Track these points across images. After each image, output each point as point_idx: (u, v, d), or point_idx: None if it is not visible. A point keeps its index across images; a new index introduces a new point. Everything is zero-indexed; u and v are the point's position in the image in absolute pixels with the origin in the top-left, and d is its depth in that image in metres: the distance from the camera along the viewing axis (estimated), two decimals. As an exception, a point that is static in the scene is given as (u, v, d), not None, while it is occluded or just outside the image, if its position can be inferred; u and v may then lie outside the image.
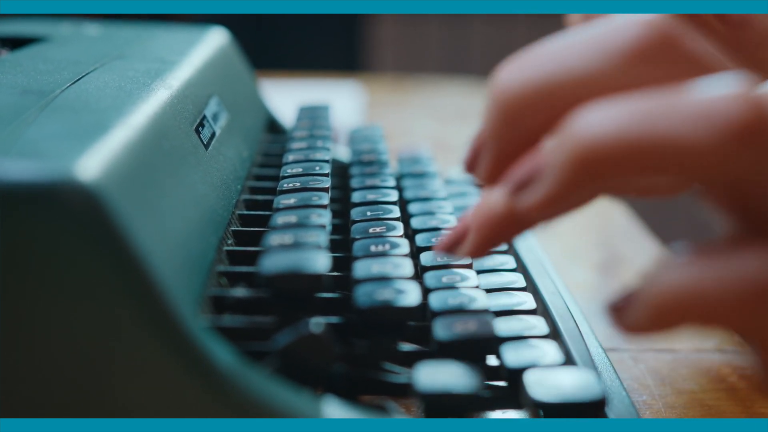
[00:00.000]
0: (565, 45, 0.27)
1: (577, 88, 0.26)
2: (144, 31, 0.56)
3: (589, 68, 0.26)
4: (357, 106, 1.00)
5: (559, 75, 0.26)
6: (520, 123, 0.27)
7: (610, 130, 0.24)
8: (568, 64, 0.26)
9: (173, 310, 0.29)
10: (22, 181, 0.28)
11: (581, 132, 0.24)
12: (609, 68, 0.26)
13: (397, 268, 0.36)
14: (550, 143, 0.26)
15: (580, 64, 0.26)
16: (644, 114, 0.24)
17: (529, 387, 0.31)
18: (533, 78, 0.27)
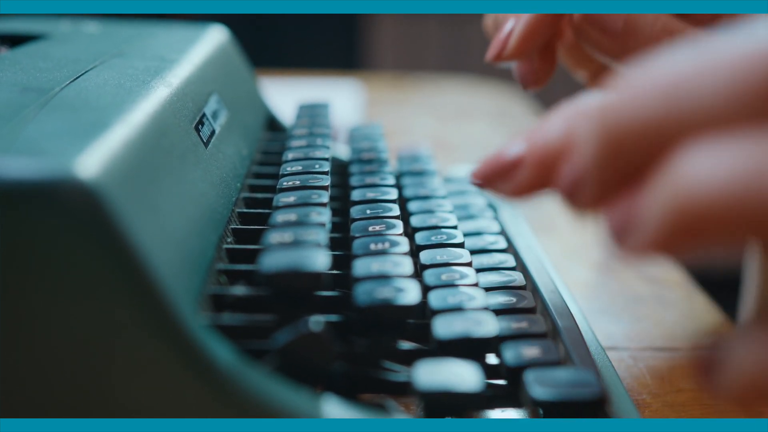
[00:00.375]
0: (686, 72, 0.23)
1: (695, 128, 0.22)
2: (143, 29, 0.56)
3: (714, 106, 0.22)
4: (357, 104, 1.00)
5: (675, 113, 0.22)
6: (627, 161, 0.24)
7: (717, 183, 0.21)
8: (688, 98, 0.22)
9: (173, 308, 0.29)
10: (21, 178, 0.28)
11: (685, 183, 0.21)
12: (737, 108, 0.22)
13: (397, 266, 0.36)
14: (651, 190, 0.22)
15: (703, 99, 0.22)
16: (759, 166, 0.20)
17: (529, 385, 0.31)
18: (646, 112, 0.23)
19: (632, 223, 0.22)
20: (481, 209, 0.51)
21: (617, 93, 0.23)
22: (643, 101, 0.23)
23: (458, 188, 0.55)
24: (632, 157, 0.23)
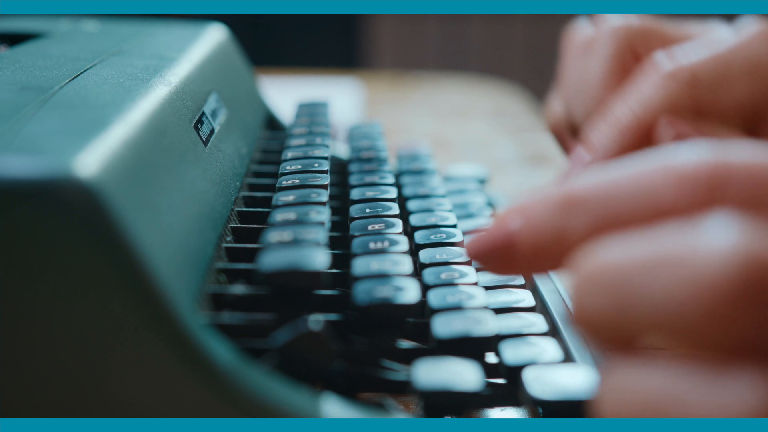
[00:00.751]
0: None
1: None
2: (142, 28, 0.56)
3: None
4: (356, 103, 1.00)
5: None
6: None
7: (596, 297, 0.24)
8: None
9: (172, 307, 0.29)
10: (20, 177, 0.28)
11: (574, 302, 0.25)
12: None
13: (396, 265, 0.36)
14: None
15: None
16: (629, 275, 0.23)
17: (528, 384, 0.31)
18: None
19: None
20: (481, 208, 0.51)
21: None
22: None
23: (457, 187, 0.55)
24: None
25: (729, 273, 0.22)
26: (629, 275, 0.24)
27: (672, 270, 0.23)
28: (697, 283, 0.22)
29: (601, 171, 0.26)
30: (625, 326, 0.24)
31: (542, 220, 0.27)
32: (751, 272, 0.22)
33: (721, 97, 0.44)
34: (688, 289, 0.22)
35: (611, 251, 0.24)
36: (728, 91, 0.43)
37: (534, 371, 0.32)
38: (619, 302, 0.24)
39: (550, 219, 0.27)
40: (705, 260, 0.22)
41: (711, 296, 0.22)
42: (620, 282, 0.24)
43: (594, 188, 0.26)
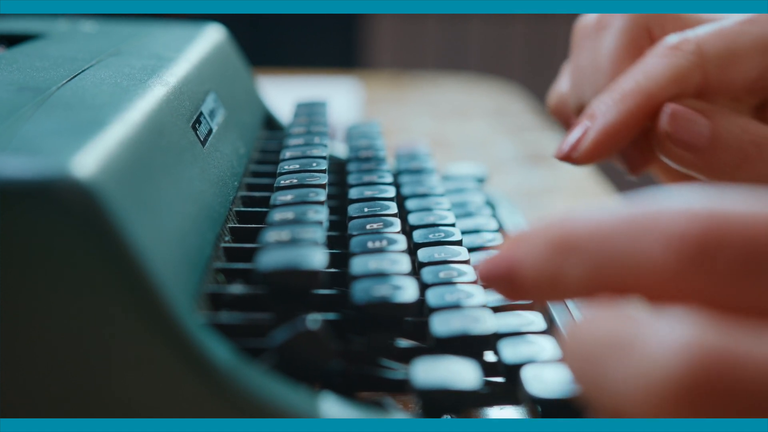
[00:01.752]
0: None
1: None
2: (140, 28, 0.56)
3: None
4: (354, 102, 1.00)
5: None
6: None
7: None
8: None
9: (170, 307, 0.29)
10: (18, 177, 0.28)
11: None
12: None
13: (395, 264, 0.36)
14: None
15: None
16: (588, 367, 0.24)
17: (527, 383, 0.31)
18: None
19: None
20: (479, 207, 0.51)
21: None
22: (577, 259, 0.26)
23: (456, 186, 0.55)
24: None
25: (677, 369, 0.22)
26: (595, 352, 0.24)
27: (629, 353, 0.23)
28: (646, 373, 0.22)
29: (596, 212, 0.26)
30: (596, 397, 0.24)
31: (538, 259, 0.27)
32: (700, 370, 0.21)
33: (729, 72, 0.43)
34: (639, 378, 0.22)
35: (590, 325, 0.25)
36: (736, 66, 0.42)
37: (533, 369, 0.32)
38: (588, 375, 0.24)
39: (545, 260, 0.27)
40: (656, 351, 0.22)
41: (657, 388, 0.22)
42: (588, 357, 0.24)
43: (588, 235, 0.26)
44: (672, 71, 0.42)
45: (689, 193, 0.25)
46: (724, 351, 0.22)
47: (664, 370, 0.22)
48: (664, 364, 0.22)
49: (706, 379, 0.21)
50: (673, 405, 0.22)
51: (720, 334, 0.22)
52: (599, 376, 0.23)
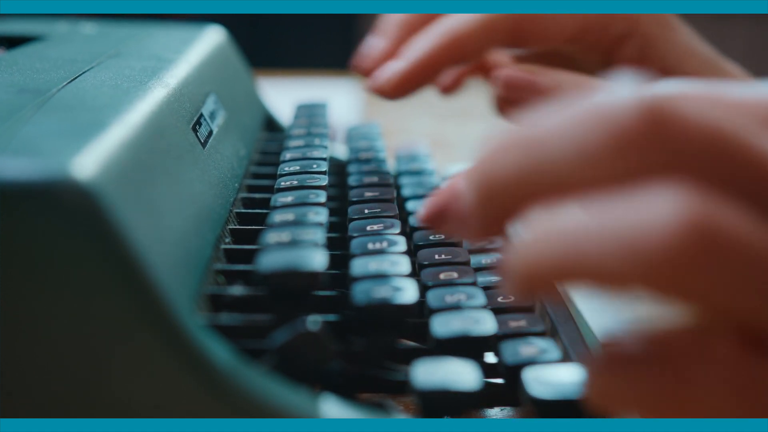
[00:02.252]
0: (547, 131, 0.26)
1: (553, 182, 0.26)
2: (140, 30, 0.56)
3: (567, 163, 0.25)
4: (354, 103, 1.00)
5: (534, 168, 0.26)
6: (499, 204, 0.27)
7: (549, 249, 0.24)
8: (544, 157, 0.26)
9: (170, 308, 0.29)
10: (18, 178, 0.28)
11: (522, 252, 0.25)
12: (588, 164, 0.25)
13: (395, 265, 0.36)
14: (511, 248, 0.26)
15: (556, 159, 0.25)
16: (581, 235, 0.24)
17: (527, 384, 0.31)
18: (511, 166, 0.26)
19: (505, 271, 0.26)
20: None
21: (488, 151, 0.27)
22: (505, 158, 0.26)
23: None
24: (505, 203, 0.27)
25: (670, 242, 0.22)
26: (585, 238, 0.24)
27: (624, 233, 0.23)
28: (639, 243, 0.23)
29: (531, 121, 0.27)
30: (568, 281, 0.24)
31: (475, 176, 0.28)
32: (699, 235, 0.22)
33: (543, 22, 0.46)
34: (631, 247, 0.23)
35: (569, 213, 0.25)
36: (552, 20, 0.46)
37: (533, 371, 0.32)
38: (573, 254, 0.24)
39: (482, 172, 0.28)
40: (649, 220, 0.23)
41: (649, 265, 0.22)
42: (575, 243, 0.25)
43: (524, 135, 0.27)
44: (482, 17, 0.46)
45: (625, 85, 0.25)
46: (716, 218, 0.23)
47: (660, 238, 0.22)
48: (660, 234, 0.22)
49: (699, 243, 0.22)
50: (669, 269, 0.22)
51: (710, 204, 0.23)
52: (590, 251, 0.24)
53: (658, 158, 0.24)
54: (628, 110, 0.24)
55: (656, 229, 0.22)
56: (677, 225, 0.22)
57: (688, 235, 0.22)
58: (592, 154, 0.25)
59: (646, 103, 0.24)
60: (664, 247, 0.22)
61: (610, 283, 0.24)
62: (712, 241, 0.22)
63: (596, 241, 0.23)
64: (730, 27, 2.27)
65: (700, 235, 0.22)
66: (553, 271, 0.24)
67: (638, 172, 0.24)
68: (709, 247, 0.22)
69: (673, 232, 0.22)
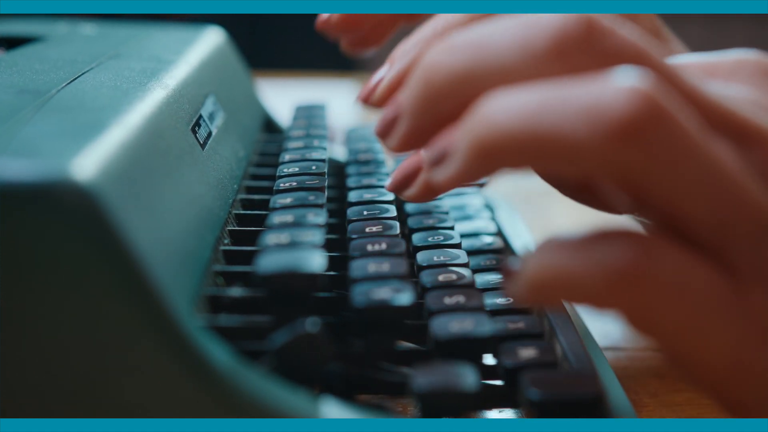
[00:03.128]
0: (491, 33, 0.28)
1: (494, 79, 0.27)
2: (140, 31, 0.56)
3: (509, 61, 0.27)
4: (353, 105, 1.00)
5: (480, 64, 0.28)
6: (439, 103, 0.29)
7: (506, 119, 0.26)
8: (490, 54, 0.28)
9: (169, 309, 0.29)
10: (17, 180, 0.28)
11: (482, 120, 0.26)
12: (527, 63, 0.27)
13: (394, 267, 0.36)
14: (459, 127, 0.27)
15: (502, 56, 0.27)
16: (540, 105, 0.25)
17: (526, 386, 0.31)
18: (456, 64, 0.28)
19: (445, 155, 0.28)
20: (478, 210, 0.51)
21: (438, 48, 0.29)
22: (451, 55, 0.28)
23: (456, 189, 0.55)
24: (445, 102, 0.28)
25: (625, 108, 0.24)
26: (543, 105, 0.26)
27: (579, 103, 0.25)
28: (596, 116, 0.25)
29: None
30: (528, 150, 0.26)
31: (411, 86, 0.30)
32: (641, 110, 0.24)
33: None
34: (588, 120, 0.25)
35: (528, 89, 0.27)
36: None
37: (531, 373, 0.32)
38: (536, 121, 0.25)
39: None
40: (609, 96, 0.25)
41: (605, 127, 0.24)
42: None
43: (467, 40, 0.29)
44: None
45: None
46: (666, 100, 0.25)
47: (617, 108, 0.24)
48: (617, 103, 0.24)
49: (652, 115, 0.24)
50: (622, 141, 0.24)
51: (662, 88, 0.25)
52: (554, 119, 0.25)
53: (594, 60, 0.27)
54: (567, 20, 0.27)
55: (616, 97, 0.24)
56: (634, 96, 0.24)
57: (644, 106, 0.24)
58: (535, 52, 0.27)
59: (582, 17, 0.27)
60: (623, 111, 0.24)
61: (569, 156, 0.25)
62: (662, 116, 0.24)
63: (560, 109, 0.25)
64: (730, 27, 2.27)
65: (655, 108, 0.24)
66: (523, 144, 0.25)
67: (576, 70, 0.26)
68: (659, 121, 0.24)
69: (630, 102, 0.24)
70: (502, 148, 0.26)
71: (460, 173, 0.27)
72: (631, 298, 0.26)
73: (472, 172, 0.27)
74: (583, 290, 0.26)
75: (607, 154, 0.24)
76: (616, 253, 0.26)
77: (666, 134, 0.25)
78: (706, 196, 0.26)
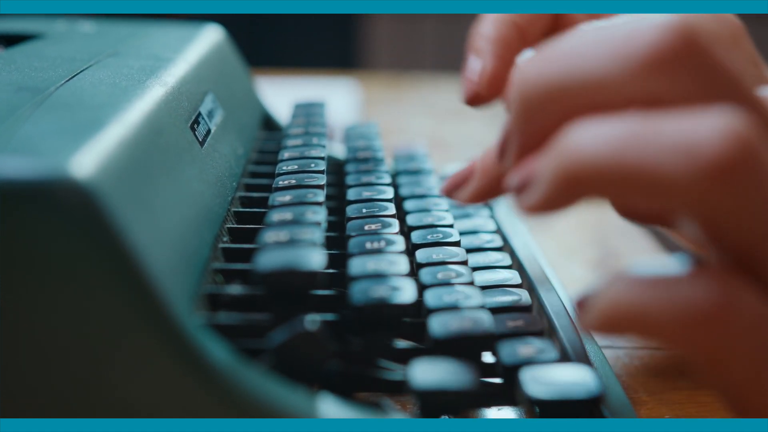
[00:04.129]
0: (585, 44, 0.27)
1: (590, 93, 0.26)
2: (139, 29, 0.56)
3: (605, 74, 0.26)
4: (353, 103, 1.00)
5: (574, 78, 0.27)
6: (537, 118, 0.28)
7: (595, 151, 0.25)
8: (584, 67, 0.26)
9: (168, 307, 0.29)
10: (16, 177, 0.28)
11: (570, 150, 0.25)
12: (624, 76, 0.26)
13: (393, 265, 0.36)
14: (546, 154, 0.26)
15: (596, 68, 0.26)
16: (631, 138, 0.25)
17: (525, 384, 0.31)
18: (551, 77, 0.27)
19: (528, 182, 0.27)
20: (477, 208, 0.51)
21: (530, 60, 0.28)
22: (544, 69, 0.27)
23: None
24: (543, 118, 0.27)
25: (722, 149, 0.24)
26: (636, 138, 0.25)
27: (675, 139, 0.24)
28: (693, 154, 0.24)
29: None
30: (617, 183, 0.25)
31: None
32: (737, 151, 0.24)
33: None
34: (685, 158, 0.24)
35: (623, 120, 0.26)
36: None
37: (531, 371, 0.32)
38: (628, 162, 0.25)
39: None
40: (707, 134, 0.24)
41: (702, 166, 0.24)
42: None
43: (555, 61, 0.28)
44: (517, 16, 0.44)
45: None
46: (759, 142, 0.24)
47: (713, 147, 0.24)
48: (713, 141, 0.24)
49: (746, 160, 0.24)
50: (715, 180, 0.24)
51: (756, 128, 0.24)
52: (648, 155, 0.24)
53: (690, 78, 0.25)
54: (666, 31, 0.25)
55: (711, 135, 0.24)
56: (730, 137, 0.24)
57: (739, 147, 0.24)
58: (631, 67, 0.25)
59: (682, 28, 0.25)
60: (718, 151, 0.24)
61: (657, 191, 0.24)
62: (756, 159, 0.24)
63: (652, 143, 0.24)
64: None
65: (749, 150, 0.24)
66: (612, 177, 0.25)
67: (671, 87, 0.25)
68: (753, 164, 0.24)
69: (726, 141, 0.24)
70: (589, 178, 0.25)
71: (544, 201, 0.27)
72: (707, 340, 0.25)
73: (557, 200, 0.26)
74: (659, 328, 0.25)
75: (698, 192, 0.24)
76: (697, 294, 0.25)
77: (758, 177, 0.24)
78: None
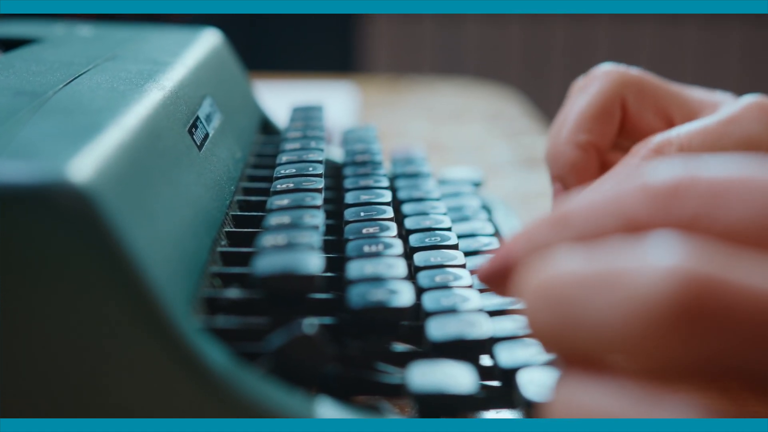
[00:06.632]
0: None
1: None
2: (137, 33, 0.56)
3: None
4: (351, 106, 1.00)
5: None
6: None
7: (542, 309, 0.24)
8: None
9: (166, 311, 0.29)
10: (15, 182, 0.28)
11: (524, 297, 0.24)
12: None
13: (391, 268, 0.36)
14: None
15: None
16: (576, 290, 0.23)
17: (523, 386, 0.31)
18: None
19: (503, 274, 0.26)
20: (476, 211, 0.51)
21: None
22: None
23: (452, 190, 0.55)
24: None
25: (665, 294, 0.21)
26: (573, 292, 0.23)
27: (612, 288, 0.22)
28: (632, 303, 0.21)
29: (591, 189, 0.27)
30: (572, 342, 0.23)
31: (537, 239, 0.27)
32: (688, 293, 0.21)
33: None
34: (625, 309, 0.22)
35: (560, 264, 0.24)
36: None
37: (528, 373, 0.32)
38: (565, 319, 0.23)
39: (543, 238, 0.27)
40: (642, 279, 0.21)
41: (645, 317, 0.21)
42: (565, 298, 0.23)
43: (578, 206, 0.26)
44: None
45: (669, 160, 0.25)
46: (713, 276, 0.21)
47: (653, 296, 0.21)
48: (653, 290, 0.21)
49: (697, 304, 0.21)
50: (663, 333, 0.21)
51: (708, 259, 0.21)
52: (578, 315, 0.22)
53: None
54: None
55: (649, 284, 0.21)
56: (671, 279, 0.21)
57: (684, 291, 0.21)
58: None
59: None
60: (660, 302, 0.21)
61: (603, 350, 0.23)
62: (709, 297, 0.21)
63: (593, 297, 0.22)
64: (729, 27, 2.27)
65: (696, 291, 0.21)
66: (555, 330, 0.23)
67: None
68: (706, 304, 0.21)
69: (668, 290, 0.21)
70: (536, 335, 0.24)
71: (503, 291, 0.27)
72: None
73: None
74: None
75: (647, 348, 0.21)
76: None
77: (717, 316, 0.21)
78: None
